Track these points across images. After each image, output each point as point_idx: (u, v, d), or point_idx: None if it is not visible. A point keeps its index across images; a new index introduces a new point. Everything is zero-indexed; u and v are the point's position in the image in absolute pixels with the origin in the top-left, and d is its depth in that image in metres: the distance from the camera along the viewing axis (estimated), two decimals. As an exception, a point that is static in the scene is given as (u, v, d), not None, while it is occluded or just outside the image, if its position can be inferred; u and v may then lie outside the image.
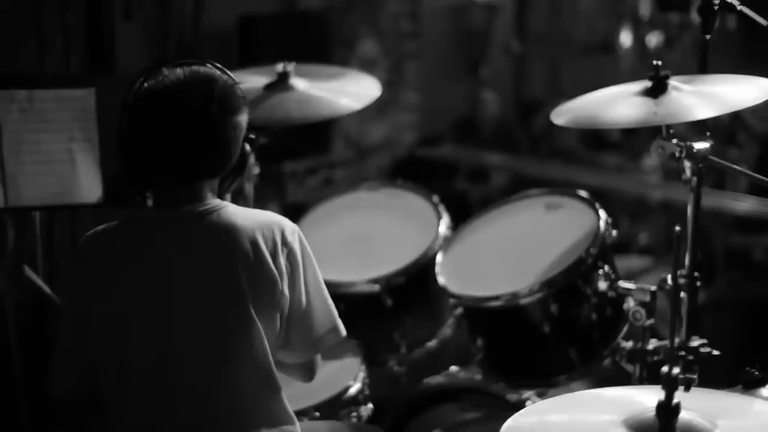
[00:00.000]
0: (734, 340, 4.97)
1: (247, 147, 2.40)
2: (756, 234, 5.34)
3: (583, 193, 3.29)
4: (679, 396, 1.79)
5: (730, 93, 2.79)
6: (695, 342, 2.87)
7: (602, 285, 3.03)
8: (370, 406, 3.11)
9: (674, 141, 2.77)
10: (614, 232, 3.12)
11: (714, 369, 2.89)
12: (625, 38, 10.27)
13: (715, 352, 2.89)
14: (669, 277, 2.84)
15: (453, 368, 3.33)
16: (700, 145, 2.78)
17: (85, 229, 2.44)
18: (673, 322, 2.22)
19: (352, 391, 3.06)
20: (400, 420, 3.23)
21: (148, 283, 2.32)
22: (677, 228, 1.87)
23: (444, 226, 3.46)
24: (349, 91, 3.37)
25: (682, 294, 2.85)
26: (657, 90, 2.77)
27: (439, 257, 3.30)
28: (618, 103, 2.82)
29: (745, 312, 5.23)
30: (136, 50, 4.78)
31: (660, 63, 2.79)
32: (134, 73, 2.33)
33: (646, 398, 1.87)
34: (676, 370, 1.78)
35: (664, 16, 10.13)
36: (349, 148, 7.41)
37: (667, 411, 1.78)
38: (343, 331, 2.49)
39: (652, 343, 2.95)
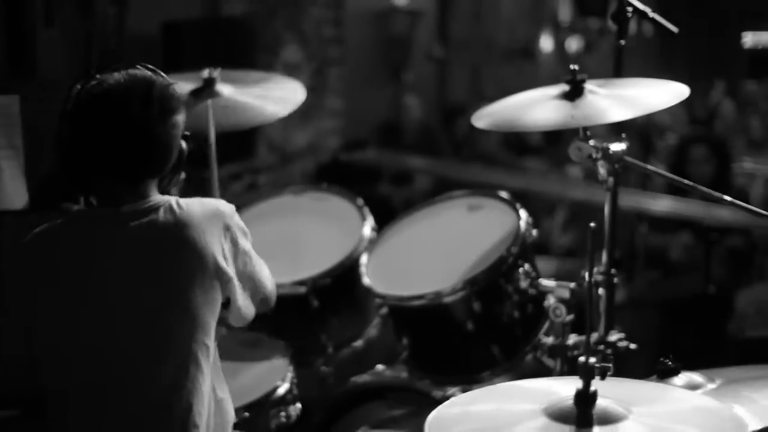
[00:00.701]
0: (652, 336, 5.08)
1: (184, 145, 2.43)
2: (672, 233, 5.46)
3: (504, 194, 3.35)
4: (596, 384, 1.86)
5: (643, 96, 2.88)
6: (613, 336, 2.96)
7: (523, 283, 3.10)
8: (299, 405, 3.13)
9: (591, 143, 2.85)
10: (534, 232, 3.19)
11: (633, 363, 2.97)
12: (546, 43, 10.44)
13: (633, 346, 2.98)
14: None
15: (379, 367, 3.37)
16: (616, 147, 2.86)
17: (10, 235, 2.43)
18: (590, 315, 2.29)
19: (281, 391, 3.08)
20: (328, 418, 3.27)
21: (94, 280, 2.33)
22: (592, 224, 1.94)
23: (368, 228, 3.49)
24: (274, 96, 3.39)
25: (600, 290, 2.94)
26: (574, 93, 2.85)
27: (363, 258, 3.34)
28: (537, 107, 2.89)
29: (664, 310, 5.34)
30: (58, 56, 4.74)
31: (577, 67, 2.87)
32: (57, 79, 2.34)
33: (565, 388, 1.94)
34: (592, 360, 1.85)
35: (583, 22, 10.31)
36: (273, 154, 7.42)
37: (585, 399, 1.85)
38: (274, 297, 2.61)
39: (572, 339, 3.03)
